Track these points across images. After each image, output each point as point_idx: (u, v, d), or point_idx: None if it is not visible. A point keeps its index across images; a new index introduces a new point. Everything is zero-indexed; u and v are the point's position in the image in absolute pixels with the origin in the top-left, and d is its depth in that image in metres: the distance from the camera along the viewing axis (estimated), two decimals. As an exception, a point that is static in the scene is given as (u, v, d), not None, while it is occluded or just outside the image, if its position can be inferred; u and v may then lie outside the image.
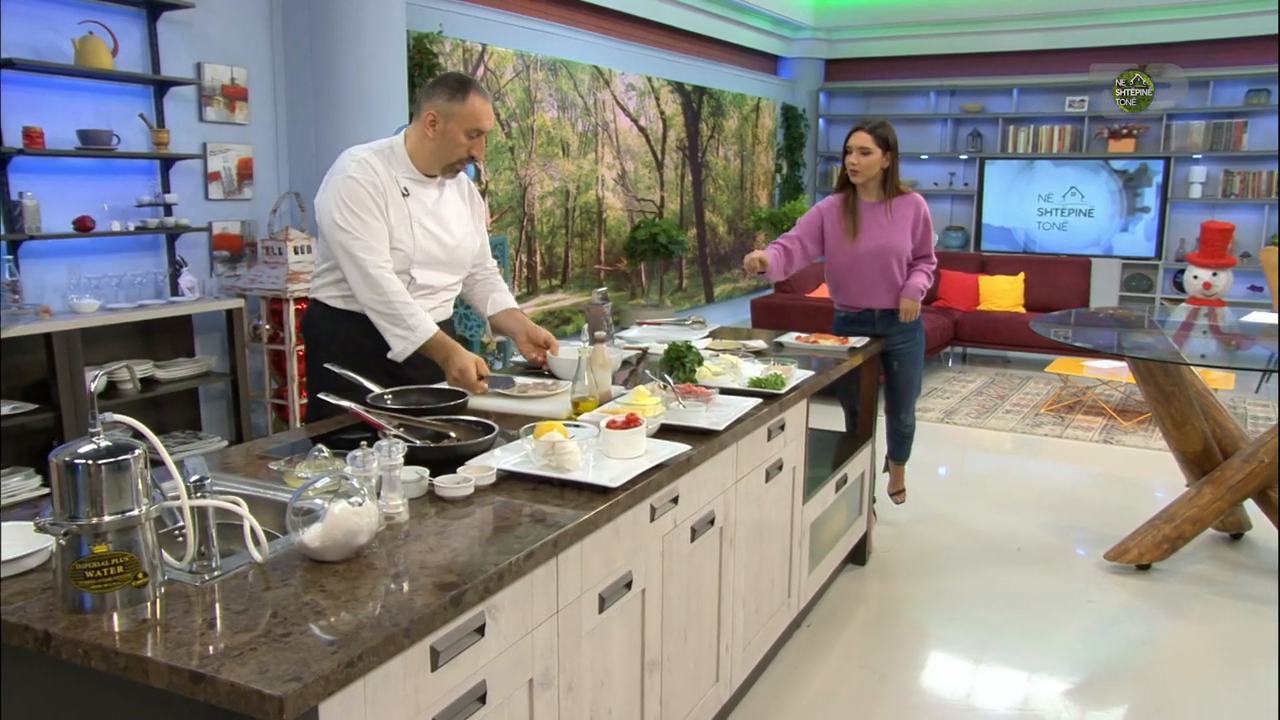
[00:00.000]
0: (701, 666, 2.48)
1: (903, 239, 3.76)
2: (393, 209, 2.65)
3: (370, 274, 2.58)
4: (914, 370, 3.98)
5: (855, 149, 3.71)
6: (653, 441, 2.20)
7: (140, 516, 1.41)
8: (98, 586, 1.38)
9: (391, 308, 2.59)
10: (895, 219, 3.75)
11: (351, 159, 2.67)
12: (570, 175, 7.36)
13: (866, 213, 3.79)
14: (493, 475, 1.97)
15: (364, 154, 2.68)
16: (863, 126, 3.73)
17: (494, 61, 6.50)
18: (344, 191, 2.60)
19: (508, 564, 1.59)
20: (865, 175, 3.72)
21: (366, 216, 2.60)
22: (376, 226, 2.61)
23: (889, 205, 3.77)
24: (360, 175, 2.61)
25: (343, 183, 2.61)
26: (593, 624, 1.91)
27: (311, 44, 5.14)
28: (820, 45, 10.81)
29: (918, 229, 3.79)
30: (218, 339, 4.98)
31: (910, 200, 3.79)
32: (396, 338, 2.62)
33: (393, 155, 2.71)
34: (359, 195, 2.59)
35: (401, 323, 2.60)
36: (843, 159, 3.79)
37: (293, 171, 5.29)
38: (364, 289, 2.60)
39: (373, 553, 1.62)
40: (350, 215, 2.58)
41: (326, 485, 1.62)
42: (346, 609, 1.42)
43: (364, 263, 2.58)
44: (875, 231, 3.77)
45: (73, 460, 1.38)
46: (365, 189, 2.60)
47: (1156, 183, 9.30)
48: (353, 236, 2.58)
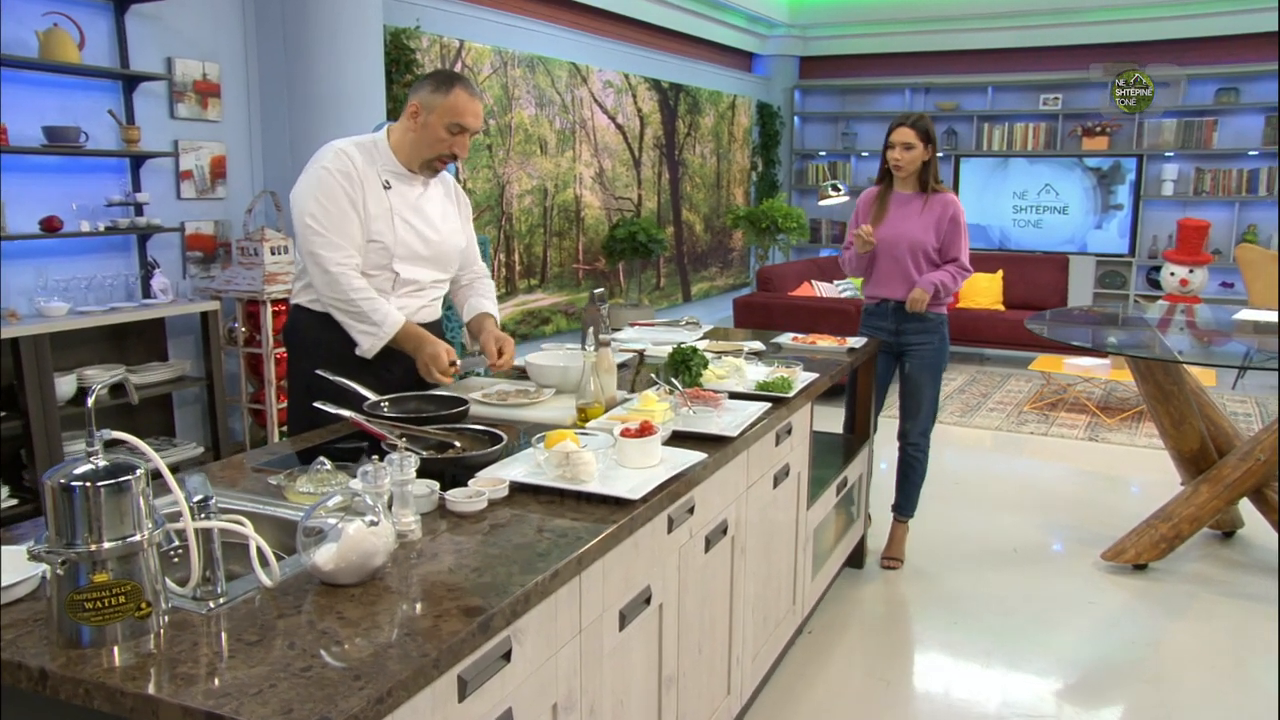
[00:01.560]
0: (714, 679, 2.40)
1: (924, 233, 3.68)
2: (372, 200, 2.56)
3: (330, 271, 2.50)
4: (925, 377, 3.75)
5: (898, 144, 3.65)
6: (666, 449, 2.12)
7: (143, 542, 1.31)
8: (98, 619, 1.28)
9: (355, 305, 2.52)
10: (923, 212, 3.69)
11: (329, 149, 2.59)
12: (548, 173, 7.25)
13: (897, 203, 3.75)
14: (505, 488, 1.88)
15: (342, 144, 2.60)
16: (904, 121, 3.66)
17: (472, 57, 6.38)
18: (316, 182, 2.52)
19: (534, 584, 1.50)
20: (909, 169, 3.67)
21: (334, 209, 2.51)
22: (345, 220, 2.52)
23: (923, 199, 3.71)
24: (334, 165, 2.53)
25: (316, 173, 2.54)
26: (614, 643, 1.83)
27: (285, 38, 4.99)
28: (795, 43, 10.78)
29: (943, 227, 3.68)
30: (191, 342, 4.82)
31: (942, 199, 3.71)
32: (363, 334, 2.56)
33: (375, 149, 2.63)
34: (330, 187, 2.51)
35: (366, 319, 2.53)
36: (883, 154, 3.73)
37: (267, 170, 5.14)
38: (325, 287, 2.53)
39: (388, 574, 1.52)
40: (319, 208, 2.50)
41: (339, 503, 1.53)
42: (367, 637, 1.32)
43: (325, 260, 2.50)
44: (898, 221, 3.71)
45: (69, 482, 1.27)
46: (338, 179, 2.51)
47: (1129, 180, 9.37)
48: (316, 232, 2.50)
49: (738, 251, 10.51)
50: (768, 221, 8.70)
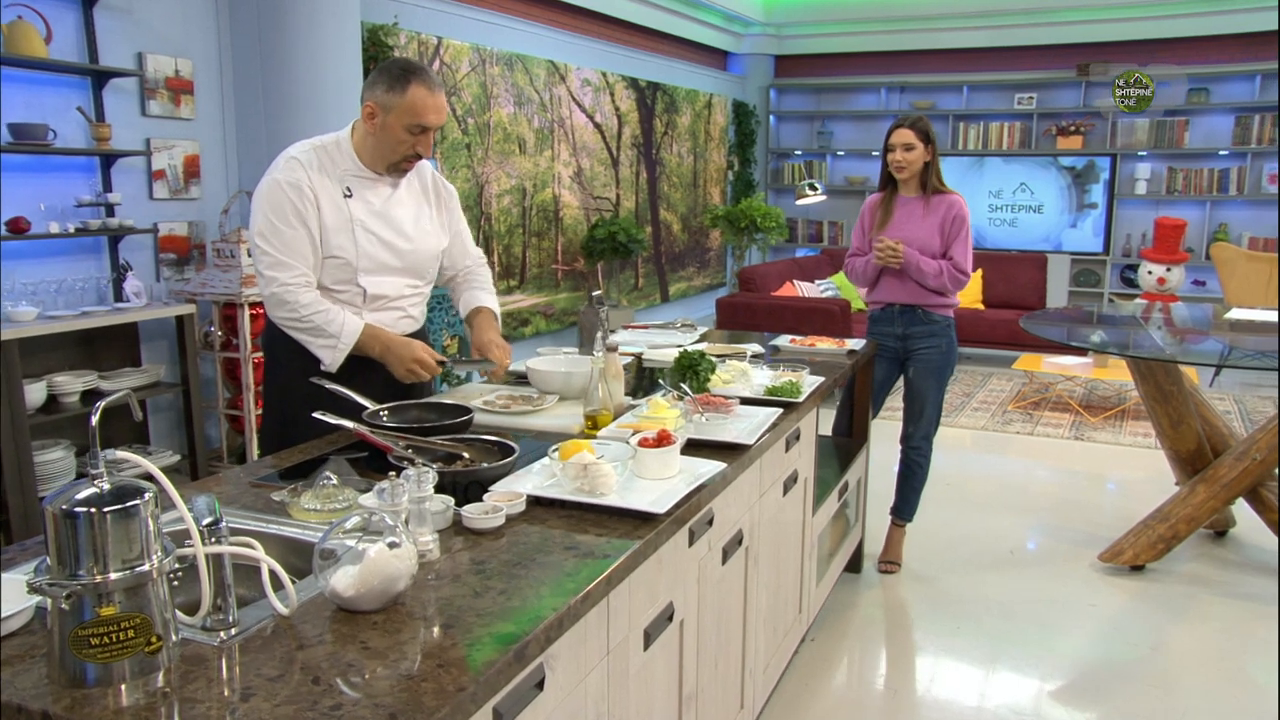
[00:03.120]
0: (729, 694, 2.33)
1: (930, 236, 3.61)
2: (329, 212, 2.40)
3: (275, 293, 2.38)
4: (930, 381, 3.69)
5: (899, 145, 3.59)
6: (683, 459, 2.04)
7: (152, 571, 1.21)
8: (105, 655, 1.18)
9: (307, 320, 2.39)
10: (928, 215, 3.63)
11: (284, 157, 2.44)
12: (527, 173, 7.15)
13: (901, 207, 3.69)
14: (523, 502, 1.79)
15: (298, 151, 2.44)
16: (903, 123, 3.60)
17: (450, 55, 6.26)
18: (266, 196, 2.38)
19: (566, 608, 1.42)
20: (910, 171, 3.61)
21: (284, 226, 2.36)
22: (294, 236, 2.37)
23: (926, 201, 3.65)
24: (284, 177, 2.38)
25: (267, 186, 2.39)
26: (639, 663, 1.75)
27: (261, 35, 4.85)
28: (770, 41, 10.74)
29: (948, 228, 3.63)
30: (165, 347, 4.67)
31: (947, 200, 3.65)
32: (323, 349, 2.43)
33: (338, 150, 2.46)
34: (279, 202, 2.36)
35: (321, 332, 2.41)
36: (883, 157, 3.67)
37: (243, 169, 5.00)
38: (275, 308, 2.41)
39: (409, 597, 1.43)
40: (267, 224, 2.36)
41: (356, 524, 1.43)
42: (396, 669, 1.23)
43: (271, 280, 2.38)
44: (903, 224, 3.65)
45: (72, 509, 1.17)
46: (287, 193, 2.36)
47: (1104, 179, 9.44)
48: (264, 251, 2.37)
49: (714, 251, 10.46)
50: (746, 221, 8.65)
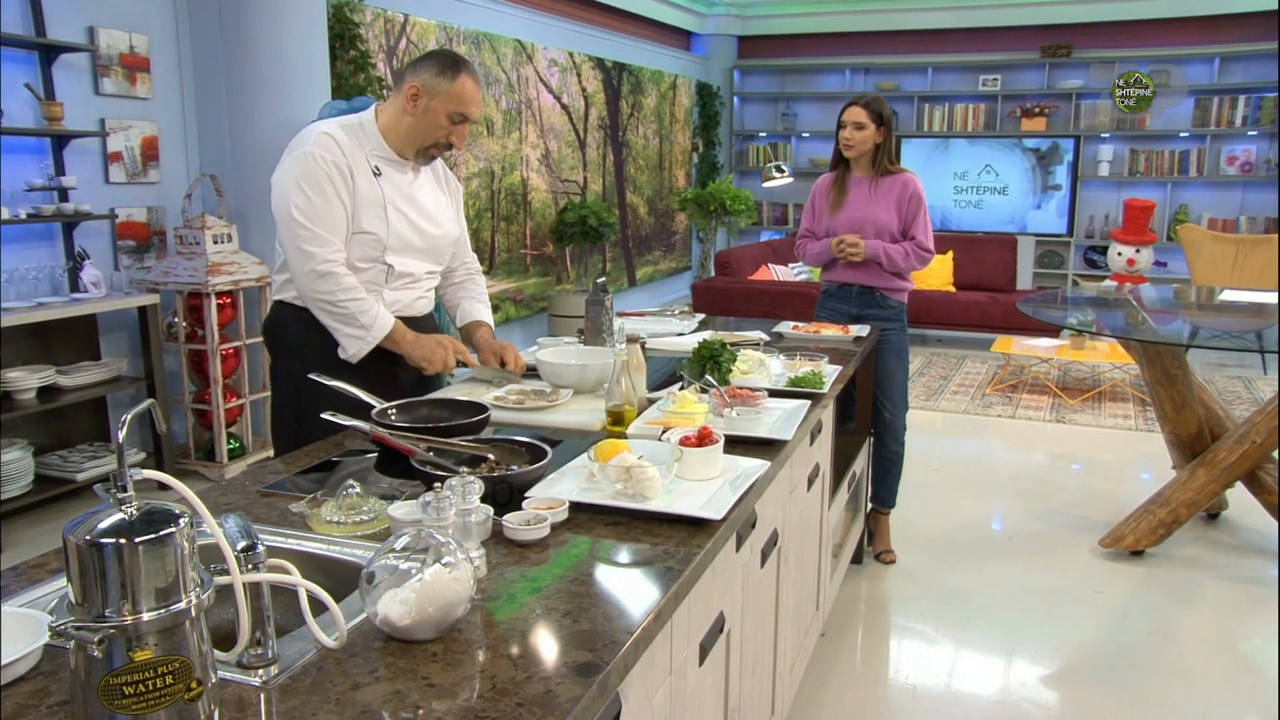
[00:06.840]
0: (763, 700, 2.22)
1: (886, 215, 3.57)
2: (362, 188, 2.35)
3: (314, 269, 2.29)
4: (893, 362, 3.70)
5: (849, 124, 3.53)
6: (726, 458, 1.91)
7: (189, 609, 1.05)
8: (140, 706, 1.02)
9: (343, 306, 2.32)
10: (880, 194, 3.58)
11: (313, 132, 2.37)
12: (495, 155, 6.95)
13: (854, 187, 3.63)
14: (565, 510, 1.66)
15: (328, 127, 2.38)
16: (856, 101, 3.55)
17: (416, 33, 6.04)
18: (300, 170, 2.29)
19: (641, 630, 1.29)
20: (859, 150, 3.55)
21: (320, 200, 2.29)
22: (333, 212, 2.31)
23: (877, 181, 3.59)
24: (320, 151, 2.30)
25: (300, 159, 2.30)
26: (695, 680, 1.62)
27: (221, 8, 4.60)
28: (733, 22, 10.61)
29: (904, 206, 3.59)
30: (126, 339, 4.43)
31: (900, 178, 3.61)
32: (350, 338, 2.35)
33: (362, 131, 2.41)
34: (315, 175, 2.29)
35: (354, 321, 2.33)
36: (836, 134, 3.59)
37: (204, 152, 4.75)
38: (310, 285, 2.31)
39: (466, 623, 1.29)
40: (304, 199, 2.28)
41: (406, 544, 1.29)
42: (471, 710, 1.09)
43: (309, 257, 2.29)
44: (859, 205, 3.60)
45: (97, 539, 1.01)
46: (324, 167, 2.29)
47: (1068, 161, 9.48)
48: (303, 225, 2.28)
49: (680, 235, 10.33)
50: (716, 204, 8.53)
